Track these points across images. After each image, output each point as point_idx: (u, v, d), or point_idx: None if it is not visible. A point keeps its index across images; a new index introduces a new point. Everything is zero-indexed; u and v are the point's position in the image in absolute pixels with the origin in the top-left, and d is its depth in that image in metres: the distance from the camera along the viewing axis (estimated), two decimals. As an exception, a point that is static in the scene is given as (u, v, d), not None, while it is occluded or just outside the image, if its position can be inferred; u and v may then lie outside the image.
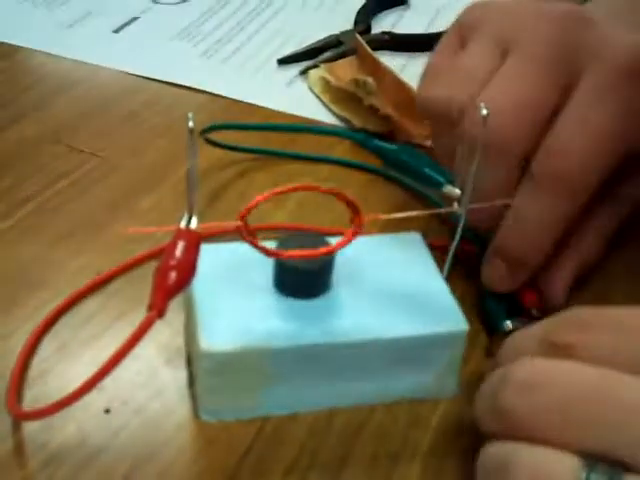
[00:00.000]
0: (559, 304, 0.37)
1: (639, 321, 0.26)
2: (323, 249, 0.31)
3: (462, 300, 0.34)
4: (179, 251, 0.28)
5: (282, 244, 0.32)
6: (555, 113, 0.35)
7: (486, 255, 0.37)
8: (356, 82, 0.50)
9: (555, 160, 0.34)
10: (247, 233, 0.30)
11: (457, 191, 0.34)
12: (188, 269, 0.28)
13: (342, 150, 0.46)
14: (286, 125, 0.49)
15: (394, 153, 0.38)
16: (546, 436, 0.25)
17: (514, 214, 0.35)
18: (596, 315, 0.27)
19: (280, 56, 0.58)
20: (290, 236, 0.33)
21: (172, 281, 0.27)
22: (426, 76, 0.40)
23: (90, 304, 0.37)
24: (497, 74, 0.36)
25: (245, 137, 0.48)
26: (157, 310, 0.27)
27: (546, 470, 0.24)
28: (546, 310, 0.36)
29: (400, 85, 0.51)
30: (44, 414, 0.29)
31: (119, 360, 0.27)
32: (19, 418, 0.31)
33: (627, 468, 0.23)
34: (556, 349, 0.26)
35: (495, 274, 0.37)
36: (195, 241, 0.29)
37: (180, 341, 0.35)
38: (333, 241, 0.32)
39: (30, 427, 0.31)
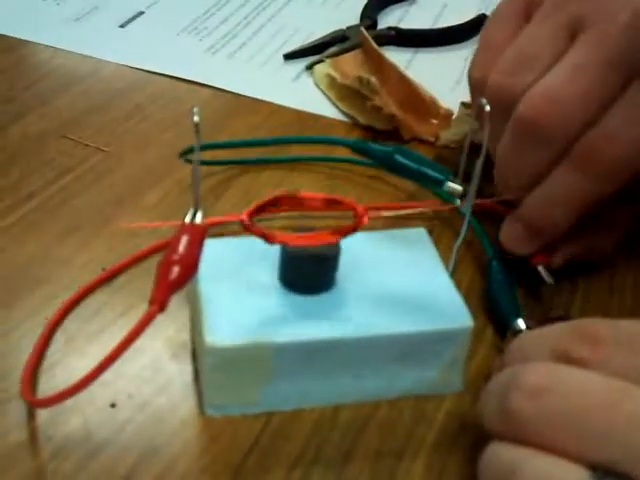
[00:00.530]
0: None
1: None
2: (326, 238, 0.31)
3: (467, 296, 0.34)
4: (182, 246, 0.28)
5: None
6: (613, 101, 0.34)
7: (508, 217, 0.37)
8: (360, 80, 0.50)
9: (603, 143, 0.34)
10: (251, 222, 0.30)
11: (459, 187, 0.34)
12: (191, 264, 0.28)
13: (341, 153, 0.46)
14: (271, 139, 0.48)
15: (390, 156, 0.38)
16: (554, 444, 0.24)
17: (546, 186, 0.35)
18: (612, 330, 0.26)
19: (286, 51, 0.58)
20: (295, 230, 0.33)
21: (174, 276, 0.28)
22: (482, 50, 0.39)
23: (97, 298, 0.37)
24: (562, 62, 0.34)
25: (248, 136, 0.48)
26: (158, 304, 0.27)
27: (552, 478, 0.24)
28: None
29: (405, 81, 0.51)
30: (55, 401, 0.29)
31: (121, 352, 0.27)
32: (35, 405, 0.31)
33: None
34: (568, 361, 0.26)
35: (513, 235, 0.37)
36: (199, 236, 0.29)
37: (186, 336, 0.35)
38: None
39: (36, 421, 0.31)
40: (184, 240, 0.28)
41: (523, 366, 0.26)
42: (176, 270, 0.28)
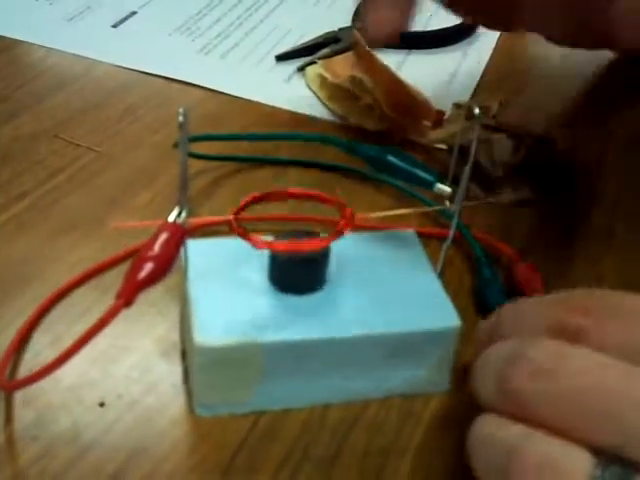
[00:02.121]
0: None
1: None
2: (312, 244, 0.31)
3: (456, 296, 0.34)
4: (158, 244, 0.28)
5: (276, 240, 0.32)
6: None
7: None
8: (352, 80, 0.50)
9: None
10: (238, 226, 0.30)
11: (448, 189, 0.34)
12: (164, 263, 0.28)
13: (331, 153, 0.46)
14: (265, 134, 0.48)
15: (379, 156, 0.38)
16: (557, 425, 0.24)
17: None
18: (610, 302, 0.26)
19: (278, 52, 0.58)
20: (285, 233, 0.33)
21: (145, 273, 0.28)
22: None
23: (85, 298, 0.37)
24: None
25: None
26: (124, 299, 0.28)
27: (555, 463, 0.23)
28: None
29: (397, 82, 0.51)
30: (24, 383, 0.30)
31: (86, 342, 0.28)
32: (5, 389, 0.32)
33: (635, 467, 0.23)
34: (565, 333, 0.25)
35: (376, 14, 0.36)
36: (177, 235, 0.29)
37: (175, 336, 0.35)
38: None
39: (23, 420, 0.31)
40: (161, 238, 0.28)
41: (525, 343, 0.25)
42: (148, 267, 0.28)
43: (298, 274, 0.33)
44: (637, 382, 0.23)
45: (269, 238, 0.32)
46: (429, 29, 0.62)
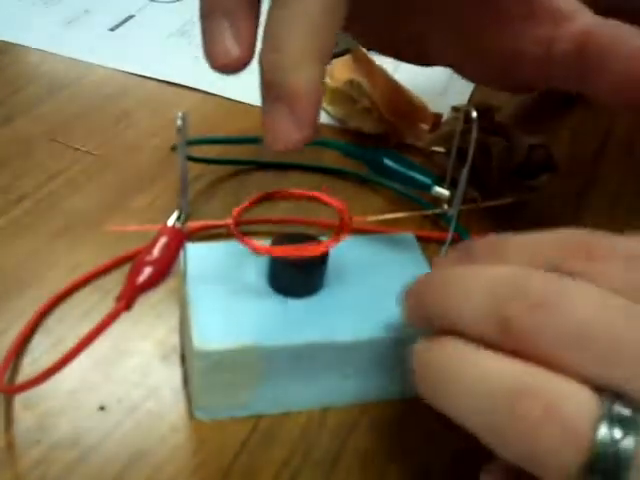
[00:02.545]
0: None
1: None
2: (310, 249, 0.31)
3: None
4: (158, 248, 0.29)
5: (274, 243, 0.32)
6: None
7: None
8: (350, 83, 0.50)
9: None
10: (237, 230, 0.30)
11: (446, 193, 0.35)
12: (163, 267, 0.28)
13: (330, 156, 0.46)
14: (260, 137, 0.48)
15: (378, 159, 0.38)
16: (558, 362, 0.23)
17: (266, 35, 0.29)
18: (608, 244, 0.25)
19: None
20: (283, 236, 0.33)
21: (145, 277, 0.28)
22: None
23: (85, 301, 0.37)
24: None
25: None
26: (124, 303, 0.28)
27: (564, 402, 0.22)
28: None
29: (394, 86, 0.51)
30: (25, 388, 0.29)
31: (87, 345, 0.28)
32: (6, 393, 0.32)
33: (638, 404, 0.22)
34: (559, 274, 0.24)
35: (276, 124, 0.29)
36: (177, 239, 0.29)
37: (175, 339, 0.35)
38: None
39: (23, 425, 0.31)
40: (161, 242, 0.29)
41: (523, 273, 0.24)
42: (147, 271, 0.28)
43: (297, 277, 0.33)
44: (636, 318, 0.23)
45: (268, 242, 0.32)
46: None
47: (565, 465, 0.22)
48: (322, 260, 0.33)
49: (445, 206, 0.35)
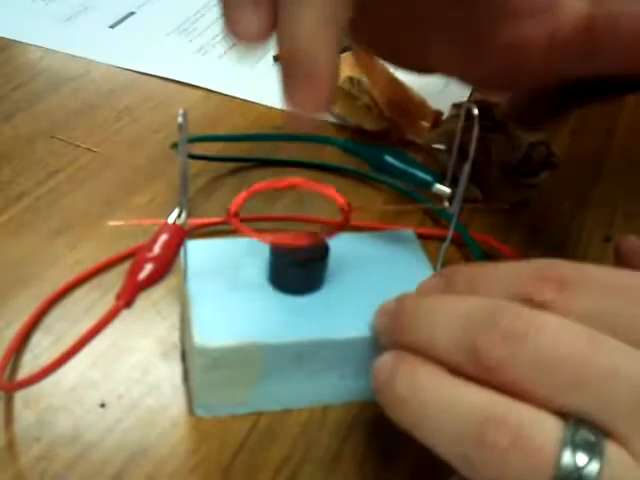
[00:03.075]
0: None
1: (624, 282, 0.25)
2: (310, 239, 0.31)
3: (455, 297, 0.34)
4: (158, 245, 0.29)
5: (275, 242, 0.32)
6: None
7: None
8: (351, 80, 0.50)
9: None
10: (236, 221, 0.31)
11: (447, 190, 0.35)
12: (163, 264, 0.28)
13: (330, 154, 0.46)
14: (264, 135, 0.48)
15: (379, 156, 0.38)
16: (527, 391, 0.23)
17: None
18: (579, 273, 0.25)
19: (276, 53, 0.58)
20: (285, 233, 0.33)
21: (145, 274, 0.28)
22: None
23: (85, 298, 0.37)
24: None
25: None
26: (124, 300, 0.28)
27: (530, 430, 0.23)
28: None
29: (395, 83, 0.51)
30: (25, 384, 0.30)
31: (87, 342, 0.28)
32: (6, 390, 0.32)
33: (606, 434, 0.23)
34: (531, 304, 0.25)
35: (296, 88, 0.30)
36: (177, 237, 0.29)
37: (175, 336, 0.35)
38: (329, 241, 0.33)
39: (24, 422, 0.31)
40: (161, 240, 0.29)
41: (496, 305, 0.25)
42: (148, 268, 0.28)
43: (297, 275, 0.33)
44: (602, 348, 0.23)
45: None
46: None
47: None
48: (323, 257, 0.33)
49: (446, 204, 0.35)
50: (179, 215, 0.29)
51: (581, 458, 0.22)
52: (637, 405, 0.22)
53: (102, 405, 0.32)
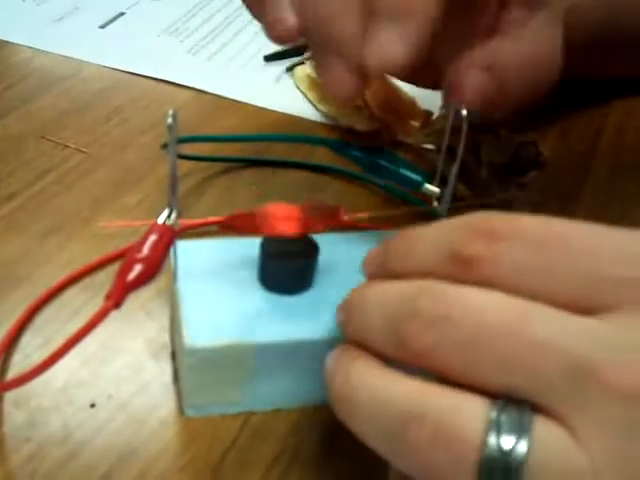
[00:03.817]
0: (467, 104, 0.33)
1: (561, 234, 0.23)
2: (297, 230, 0.32)
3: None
4: (147, 246, 0.29)
5: (265, 242, 0.32)
6: None
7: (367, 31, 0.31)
8: (341, 80, 0.50)
9: None
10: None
11: (436, 190, 0.35)
12: (153, 264, 0.28)
13: (321, 154, 0.46)
14: (254, 135, 0.48)
15: (369, 157, 0.38)
16: (456, 374, 0.23)
17: None
18: (508, 224, 0.24)
19: (267, 53, 0.58)
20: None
21: (134, 274, 0.28)
22: None
23: (75, 299, 0.37)
24: None
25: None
26: (114, 301, 0.28)
27: (451, 420, 0.22)
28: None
29: (385, 84, 0.51)
30: (14, 385, 0.30)
31: (76, 342, 0.28)
32: None
33: (536, 408, 0.22)
34: (461, 264, 0.24)
35: (381, 41, 0.30)
36: (167, 237, 0.29)
37: (165, 337, 0.35)
38: (318, 240, 0.33)
39: (13, 422, 0.31)
40: (150, 240, 0.29)
41: (416, 290, 0.24)
42: (137, 269, 0.28)
43: (287, 274, 0.33)
44: (530, 320, 0.22)
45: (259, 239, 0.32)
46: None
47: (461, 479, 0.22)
48: (312, 257, 0.33)
49: (435, 203, 0.35)
50: (169, 215, 0.29)
51: (507, 440, 0.21)
52: (571, 378, 0.21)
53: (92, 405, 0.32)
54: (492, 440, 0.21)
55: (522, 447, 0.21)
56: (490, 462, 0.21)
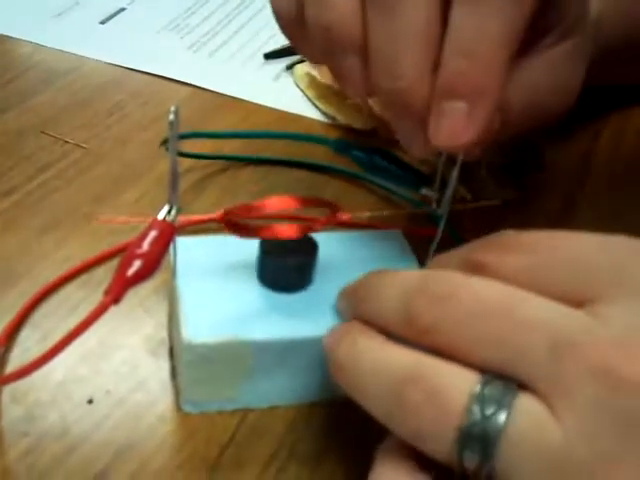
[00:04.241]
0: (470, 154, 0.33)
1: (552, 242, 0.26)
2: (299, 230, 0.32)
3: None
4: (147, 242, 0.29)
5: (264, 243, 0.32)
6: None
7: (433, 109, 0.31)
8: (341, 78, 0.50)
9: None
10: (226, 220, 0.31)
11: (435, 191, 0.35)
12: (153, 260, 0.28)
13: (320, 153, 0.46)
14: (254, 132, 0.48)
15: (368, 157, 0.38)
16: (451, 349, 0.25)
17: (453, 40, 0.30)
18: (516, 238, 0.27)
19: (267, 50, 0.58)
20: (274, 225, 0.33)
21: (134, 270, 0.28)
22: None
23: (73, 295, 0.37)
24: None
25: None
26: (112, 297, 0.28)
27: (445, 386, 0.24)
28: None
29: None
30: (12, 379, 0.29)
31: (74, 338, 0.27)
32: None
33: (521, 385, 0.23)
34: (473, 268, 0.26)
35: (451, 122, 0.30)
36: (166, 233, 0.29)
37: (163, 333, 0.35)
38: (317, 239, 0.33)
39: (11, 416, 0.31)
40: (150, 236, 0.29)
41: (432, 273, 0.27)
42: (136, 265, 0.28)
43: (286, 272, 0.33)
44: (522, 303, 0.24)
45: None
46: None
47: (443, 442, 0.24)
48: (311, 255, 0.33)
49: (434, 205, 0.35)
50: (169, 212, 0.29)
51: (488, 410, 0.23)
52: (552, 354, 0.23)
53: (90, 401, 0.32)
54: (474, 409, 0.23)
55: (501, 418, 0.23)
56: (469, 428, 0.23)
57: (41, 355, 0.28)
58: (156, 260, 0.29)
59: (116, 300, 0.28)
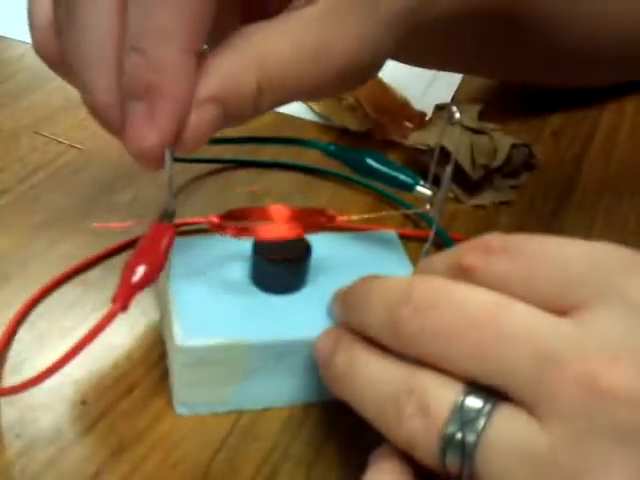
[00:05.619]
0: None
1: (539, 247, 0.26)
2: (292, 233, 0.32)
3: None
4: (149, 246, 0.28)
5: (258, 245, 0.33)
6: None
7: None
8: (336, 80, 0.50)
9: None
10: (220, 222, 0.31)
11: (428, 193, 0.35)
12: (156, 265, 0.28)
13: (313, 155, 0.46)
14: (246, 137, 0.48)
15: (361, 159, 0.38)
16: (434, 360, 0.25)
17: (128, 38, 0.28)
18: (503, 241, 0.27)
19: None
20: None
21: (139, 276, 0.28)
22: None
23: (69, 295, 0.37)
24: None
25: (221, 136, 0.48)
26: (120, 304, 0.28)
27: (430, 395, 0.25)
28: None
29: (378, 84, 0.51)
30: (19, 390, 0.29)
31: (83, 347, 0.28)
32: None
33: (504, 396, 0.24)
34: (459, 272, 0.26)
35: (133, 123, 0.29)
36: (167, 237, 0.29)
37: (157, 334, 0.35)
38: (311, 240, 0.33)
39: (4, 419, 0.31)
40: (153, 240, 0.28)
41: (413, 280, 0.27)
42: (141, 270, 0.28)
43: (280, 274, 0.33)
44: (506, 313, 0.24)
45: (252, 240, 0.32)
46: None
47: (429, 450, 0.24)
48: (305, 257, 0.33)
49: (427, 205, 0.35)
50: (168, 215, 0.29)
51: (467, 417, 0.24)
52: (537, 368, 0.23)
53: (83, 402, 0.32)
54: (455, 417, 0.24)
55: (479, 425, 0.24)
56: (450, 436, 0.24)
57: (51, 364, 0.28)
58: (160, 264, 0.29)
59: (124, 307, 0.28)
